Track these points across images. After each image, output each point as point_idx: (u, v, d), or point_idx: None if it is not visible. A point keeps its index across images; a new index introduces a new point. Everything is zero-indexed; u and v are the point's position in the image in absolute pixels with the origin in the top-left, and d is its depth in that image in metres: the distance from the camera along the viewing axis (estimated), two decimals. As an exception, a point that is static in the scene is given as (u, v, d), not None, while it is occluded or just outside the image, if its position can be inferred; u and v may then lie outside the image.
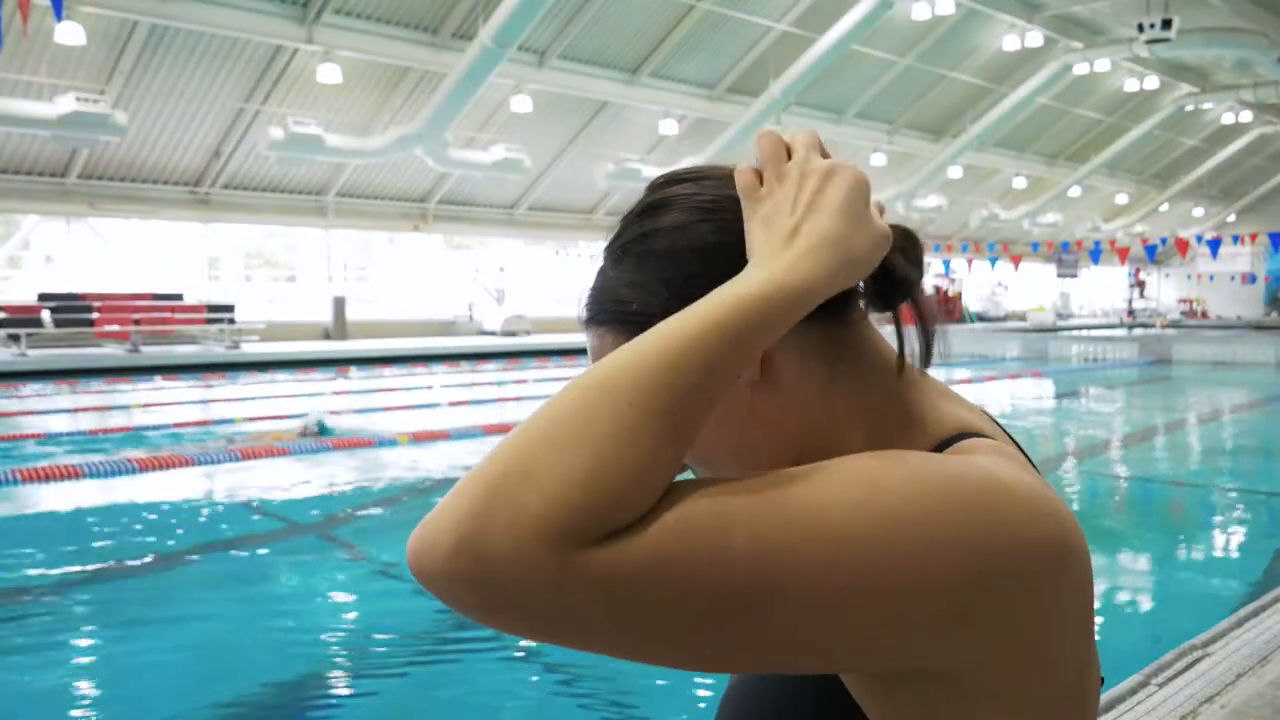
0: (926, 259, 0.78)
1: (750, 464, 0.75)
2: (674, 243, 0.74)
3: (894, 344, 0.79)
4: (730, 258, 0.72)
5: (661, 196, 0.78)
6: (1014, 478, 0.61)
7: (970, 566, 0.57)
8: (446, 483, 7.37)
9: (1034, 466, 0.71)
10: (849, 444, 0.73)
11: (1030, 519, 0.59)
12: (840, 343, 0.75)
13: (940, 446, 0.70)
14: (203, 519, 6.16)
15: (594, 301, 0.79)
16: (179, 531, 5.79)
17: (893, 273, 0.73)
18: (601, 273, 0.79)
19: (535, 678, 3.67)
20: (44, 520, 6.07)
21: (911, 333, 0.77)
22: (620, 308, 0.75)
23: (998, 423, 0.79)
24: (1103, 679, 0.70)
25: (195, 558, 5.20)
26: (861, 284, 0.75)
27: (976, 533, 0.57)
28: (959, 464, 0.61)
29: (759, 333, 0.63)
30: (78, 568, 5.01)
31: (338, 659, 3.83)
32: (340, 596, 4.68)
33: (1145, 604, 4.54)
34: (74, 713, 3.32)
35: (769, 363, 0.73)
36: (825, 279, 0.66)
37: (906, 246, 0.75)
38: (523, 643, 4.02)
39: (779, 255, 0.66)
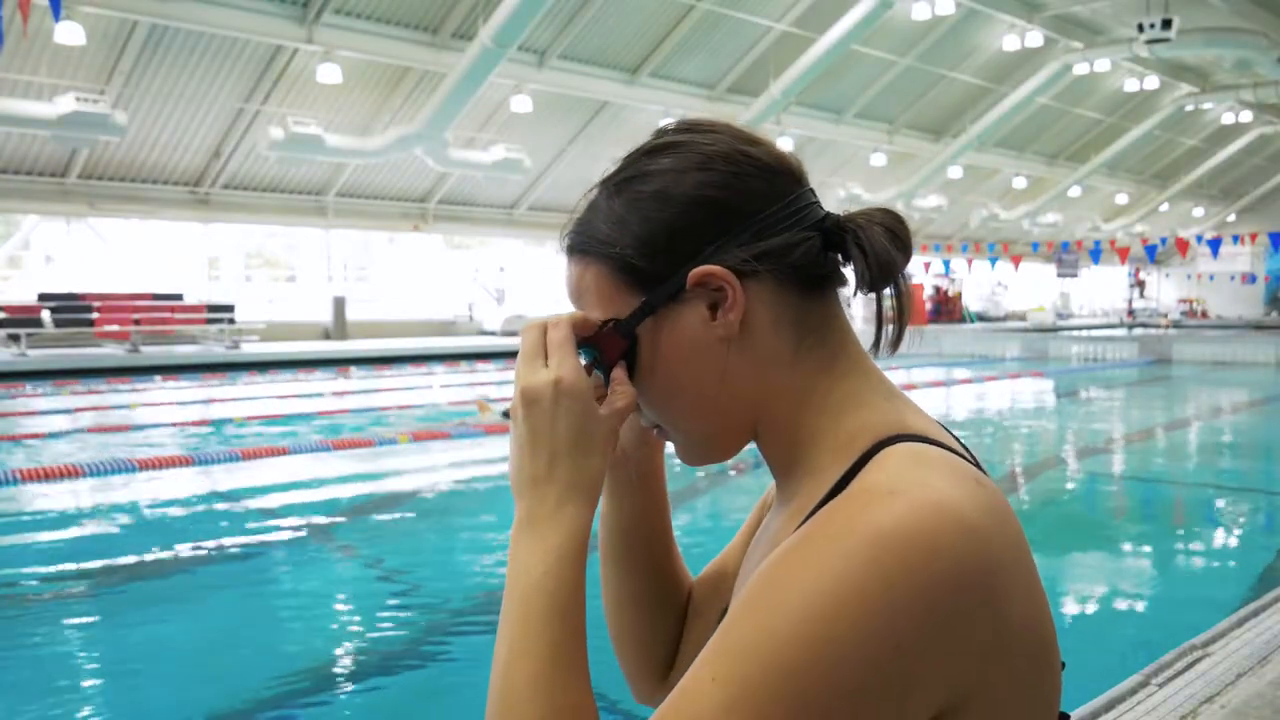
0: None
1: (710, 425, 0.76)
2: (665, 187, 0.74)
3: (858, 331, 0.80)
4: (708, 216, 0.73)
5: (671, 140, 0.78)
6: (927, 514, 0.60)
7: (907, 654, 0.58)
8: (447, 482, 7.37)
9: (977, 464, 0.71)
10: (800, 421, 0.75)
11: (954, 566, 0.59)
12: (812, 317, 0.76)
13: (877, 445, 0.70)
14: (202, 519, 6.16)
15: (579, 231, 0.79)
16: (178, 531, 5.79)
17: (879, 255, 0.74)
18: (593, 204, 0.79)
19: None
20: (44, 520, 6.07)
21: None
22: (604, 246, 0.75)
23: (945, 426, 0.78)
24: (1064, 663, 0.71)
25: (195, 558, 5.19)
26: (846, 264, 0.76)
27: (909, 626, 0.58)
28: (874, 539, 0.60)
29: (573, 593, 0.69)
30: (77, 567, 5.01)
31: (337, 659, 3.82)
32: (339, 597, 4.68)
33: (1145, 604, 4.54)
34: (73, 713, 3.32)
35: (748, 323, 0.73)
36: (585, 526, 0.72)
37: (894, 229, 0.75)
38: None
39: (540, 522, 0.71)
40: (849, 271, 0.77)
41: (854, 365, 0.77)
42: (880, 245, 0.74)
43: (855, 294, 0.78)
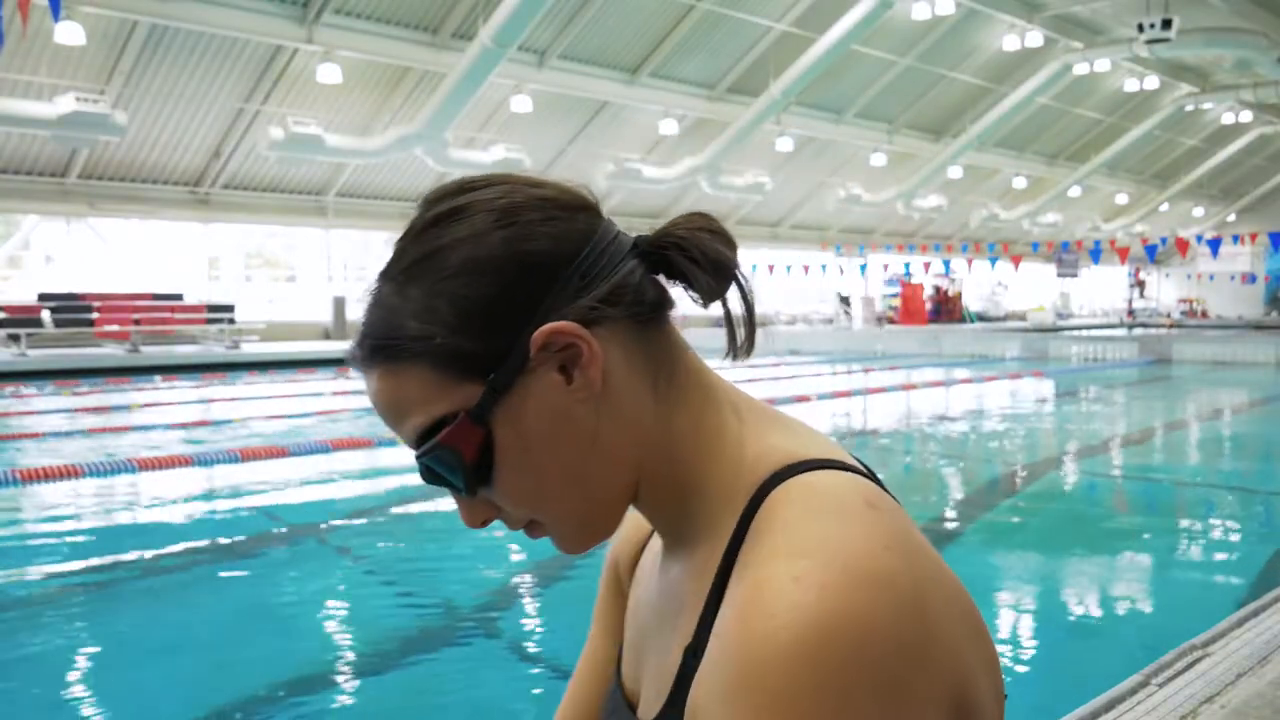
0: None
1: (590, 500, 0.70)
2: (471, 256, 0.66)
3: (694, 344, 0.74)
4: (529, 273, 0.66)
5: (451, 206, 0.68)
6: (843, 590, 0.55)
7: None
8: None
9: (878, 482, 0.68)
10: (676, 471, 0.70)
11: (890, 640, 0.55)
12: (658, 352, 0.71)
13: (767, 483, 0.65)
14: (202, 519, 6.16)
15: (374, 338, 0.68)
16: (178, 532, 5.79)
17: (712, 259, 0.69)
18: (378, 304, 0.68)
19: (535, 678, 3.67)
20: (44, 520, 6.07)
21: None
22: (417, 343, 0.66)
23: (830, 440, 0.74)
24: (1005, 695, 0.67)
25: (194, 558, 5.19)
26: (678, 279, 0.70)
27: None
28: (798, 648, 0.54)
29: None
30: (77, 567, 5.01)
31: (337, 659, 3.82)
32: (339, 597, 4.68)
33: (1145, 604, 4.54)
34: (73, 713, 3.32)
35: (606, 376, 0.67)
36: None
37: (713, 229, 0.70)
38: (523, 643, 4.02)
39: None
40: (677, 290, 0.72)
41: (709, 393, 0.72)
42: (710, 248, 0.69)
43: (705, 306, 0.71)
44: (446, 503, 6.62)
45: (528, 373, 0.66)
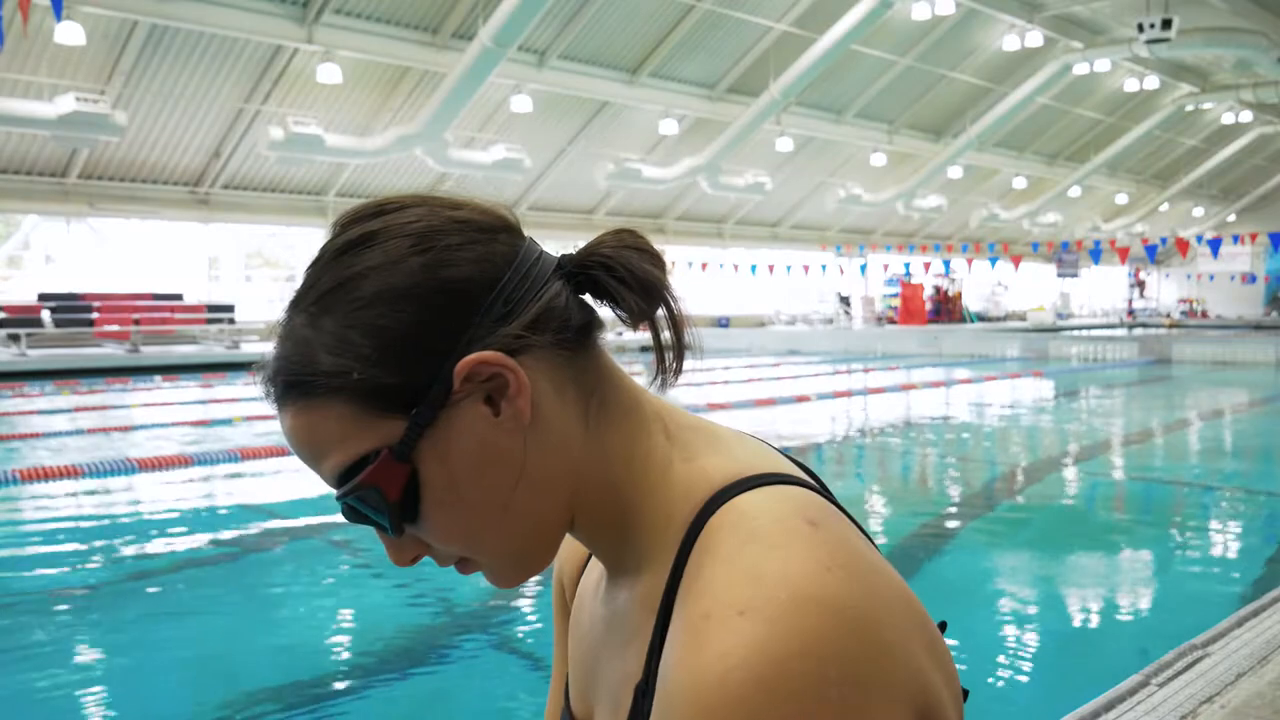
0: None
1: (521, 534, 0.67)
2: (386, 285, 0.62)
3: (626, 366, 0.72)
4: (449, 301, 0.62)
5: (363, 231, 0.65)
6: (793, 620, 0.54)
7: None
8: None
9: (821, 486, 0.67)
10: (610, 499, 0.67)
11: (843, 669, 0.54)
12: (588, 376, 0.68)
13: (704, 510, 0.63)
14: (202, 519, 6.16)
15: (287, 373, 0.65)
16: (178, 531, 5.79)
17: (640, 279, 0.66)
18: (289, 337, 0.65)
19: (536, 679, 3.67)
20: (44, 520, 6.07)
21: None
22: (332, 379, 0.62)
23: (780, 450, 0.72)
24: (966, 691, 0.66)
25: (195, 558, 5.20)
26: (605, 299, 0.68)
27: None
28: (753, 688, 0.53)
29: None
30: (77, 567, 5.01)
31: (337, 659, 3.82)
32: (339, 597, 4.68)
33: (1145, 604, 4.54)
34: (74, 713, 3.32)
35: (534, 405, 0.64)
36: None
37: (641, 247, 0.68)
38: (523, 643, 4.02)
39: None
40: (604, 309, 0.69)
41: (640, 416, 0.69)
42: (638, 267, 0.66)
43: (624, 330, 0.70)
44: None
45: (452, 405, 0.62)
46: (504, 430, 0.63)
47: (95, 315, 17.64)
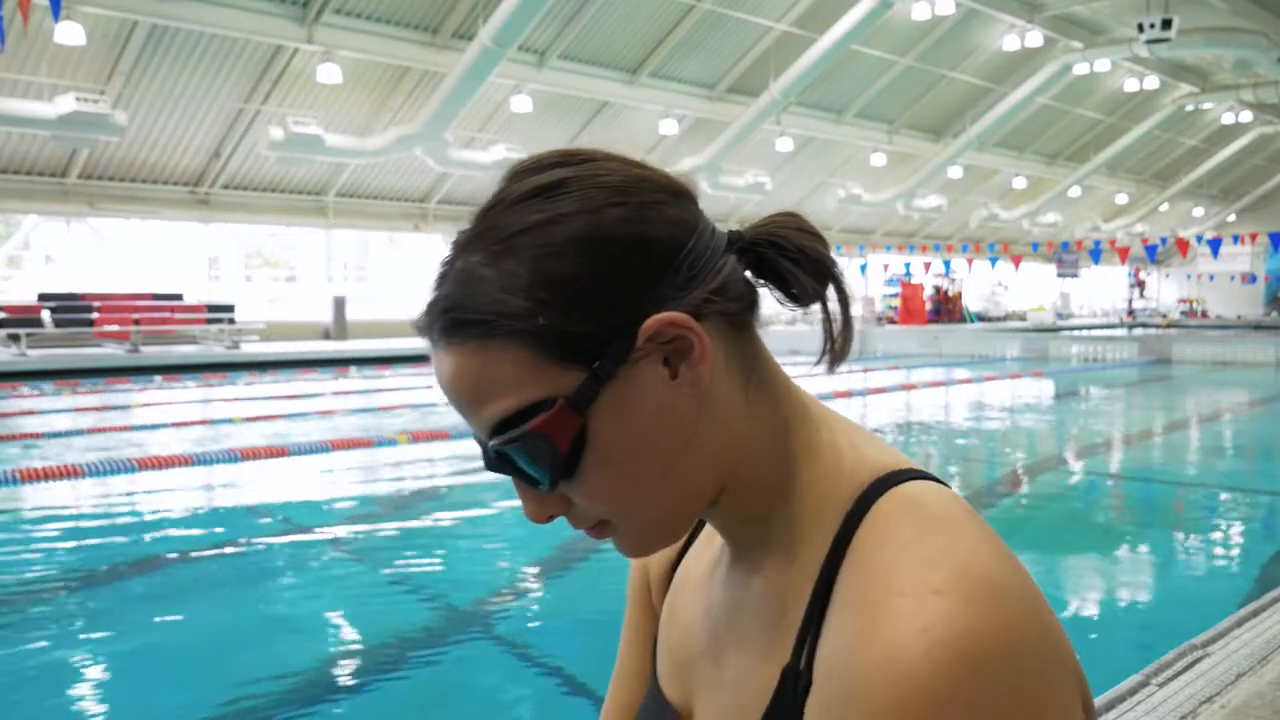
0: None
1: (672, 502, 0.66)
2: (581, 232, 0.61)
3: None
4: (643, 257, 0.62)
5: (556, 177, 0.63)
6: (986, 596, 0.55)
7: None
8: (447, 482, 7.37)
9: (934, 477, 0.66)
10: (765, 479, 0.67)
11: (1037, 648, 0.55)
12: (748, 354, 0.67)
13: (866, 495, 0.63)
14: (202, 519, 6.16)
15: (462, 310, 0.62)
16: (178, 532, 5.79)
17: (812, 259, 0.66)
18: (465, 276, 0.63)
19: (535, 678, 3.67)
20: (44, 520, 6.07)
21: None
22: (514, 320, 0.60)
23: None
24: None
25: (194, 558, 5.19)
26: (770, 278, 0.68)
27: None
28: (957, 661, 0.53)
29: None
30: (77, 568, 5.01)
31: (336, 659, 3.82)
32: (338, 597, 4.68)
33: (1145, 604, 4.54)
34: (74, 713, 3.32)
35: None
36: None
37: (806, 228, 0.68)
38: (523, 643, 4.02)
39: None
40: (767, 290, 0.69)
41: (796, 398, 0.69)
42: (809, 247, 0.66)
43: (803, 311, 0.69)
44: (447, 503, 6.63)
45: (632, 363, 0.61)
46: (680, 394, 0.62)
47: (95, 315, 17.63)
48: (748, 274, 0.68)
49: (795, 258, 0.66)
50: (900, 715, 0.52)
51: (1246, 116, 30.98)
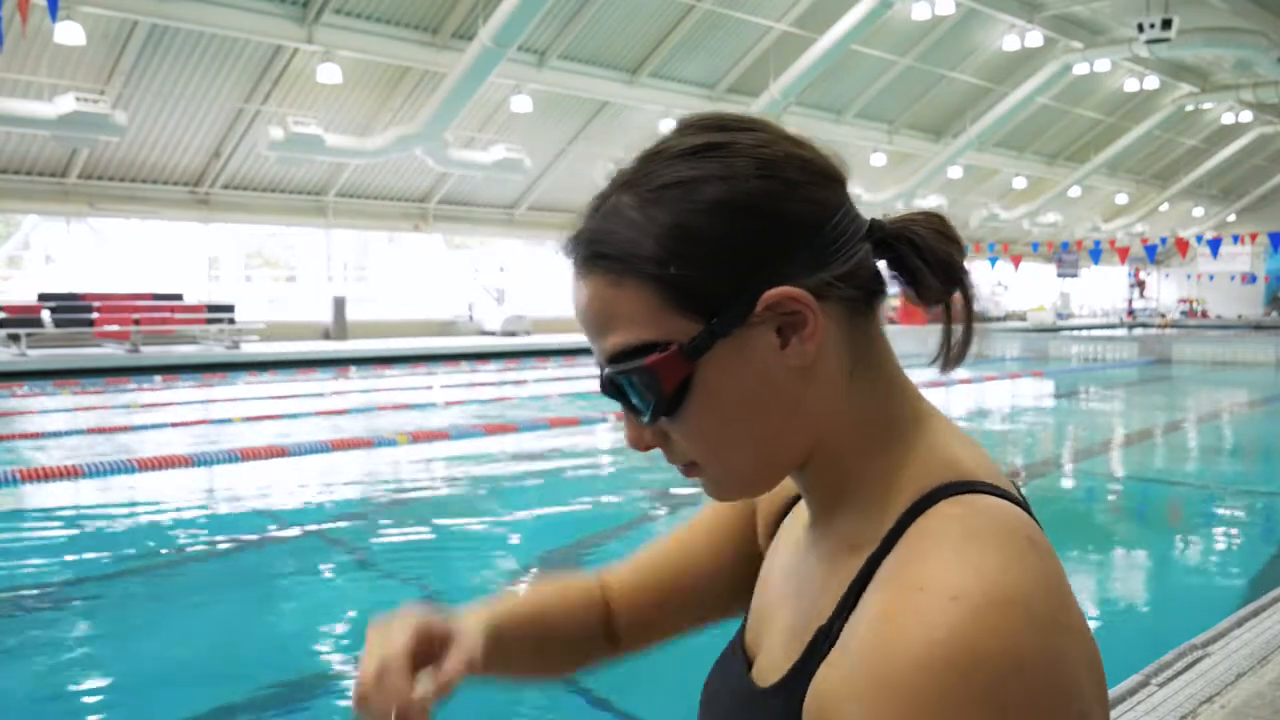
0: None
1: (764, 459, 0.70)
2: (724, 196, 0.65)
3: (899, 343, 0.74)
4: (778, 231, 0.65)
5: (713, 140, 0.68)
6: (1002, 619, 0.55)
7: None
8: (446, 482, 7.37)
9: (1032, 516, 0.68)
10: (852, 456, 0.70)
11: (1036, 678, 0.55)
12: (861, 340, 0.70)
13: (934, 492, 0.65)
14: (202, 519, 6.16)
15: (604, 243, 0.67)
16: (178, 532, 5.79)
17: (941, 260, 0.69)
18: (615, 212, 0.68)
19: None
20: (44, 520, 6.07)
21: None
22: (649, 264, 0.65)
23: (998, 467, 0.74)
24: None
25: (194, 558, 5.20)
26: (901, 274, 0.70)
27: None
28: (947, 665, 0.54)
29: None
30: (77, 568, 5.01)
31: (336, 659, 3.82)
32: (338, 596, 4.68)
33: (1145, 604, 4.54)
34: (74, 713, 3.32)
35: (817, 353, 0.67)
36: None
37: (943, 230, 0.71)
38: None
39: None
40: (894, 284, 0.72)
41: (901, 391, 0.72)
42: (943, 250, 0.69)
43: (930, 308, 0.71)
44: (446, 502, 6.62)
45: (747, 326, 0.65)
46: (785, 364, 0.66)
47: (95, 315, 17.62)
48: (881, 264, 0.71)
49: (927, 258, 0.69)
50: (885, 695, 0.55)
51: (1246, 116, 30.97)
